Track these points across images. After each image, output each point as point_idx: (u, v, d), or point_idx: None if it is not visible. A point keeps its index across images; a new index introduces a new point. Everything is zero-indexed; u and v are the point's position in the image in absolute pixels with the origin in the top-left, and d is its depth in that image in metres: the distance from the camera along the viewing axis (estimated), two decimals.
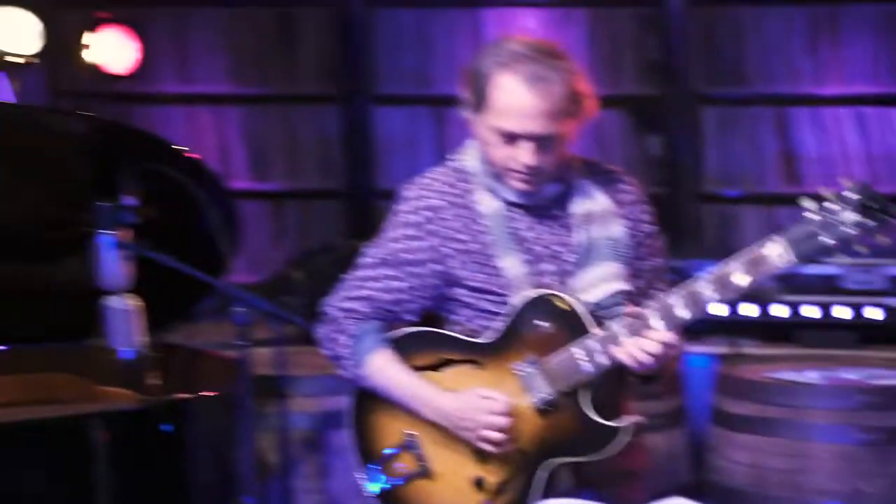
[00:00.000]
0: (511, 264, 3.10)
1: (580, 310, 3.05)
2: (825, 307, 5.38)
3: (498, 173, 3.11)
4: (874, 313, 5.33)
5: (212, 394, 3.77)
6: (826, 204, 2.84)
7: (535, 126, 2.98)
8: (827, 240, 2.83)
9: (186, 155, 3.92)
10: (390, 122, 6.95)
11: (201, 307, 4.11)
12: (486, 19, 6.84)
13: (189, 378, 3.93)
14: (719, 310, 5.44)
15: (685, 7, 6.73)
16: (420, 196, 3.17)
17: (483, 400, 3.07)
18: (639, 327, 2.96)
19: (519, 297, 3.08)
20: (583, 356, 3.02)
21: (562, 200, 3.15)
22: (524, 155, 3.01)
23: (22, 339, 4.16)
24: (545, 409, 3.07)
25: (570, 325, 3.05)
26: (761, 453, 4.56)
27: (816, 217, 2.85)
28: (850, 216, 2.82)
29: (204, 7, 6.98)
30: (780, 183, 6.68)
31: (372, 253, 3.22)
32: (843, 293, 5.43)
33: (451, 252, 3.13)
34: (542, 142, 3.00)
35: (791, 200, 6.35)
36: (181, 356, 4.01)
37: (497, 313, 3.11)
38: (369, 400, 3.25)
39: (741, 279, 2.90)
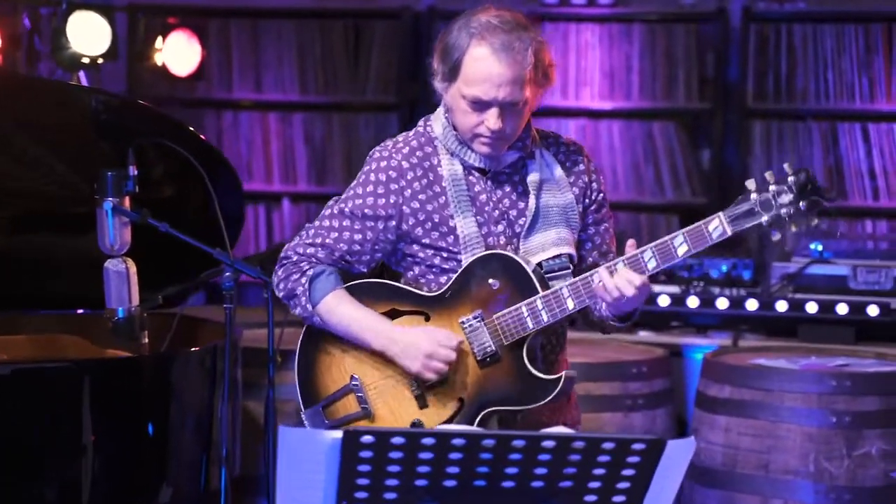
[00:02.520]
0: (464, 224, 3.25)
1: (528, 270, 3.21)
2: (829, 305, 5.46)
3: (462, 139, 3.28)
4: (874, 311, 5.40)
5: (193, 350, 4.06)
6: (767, 185, 3.04)
7: (503, 93, 3.14)
8: (763, 218, 3.03)
9: (201, 140, 4.20)
10: None
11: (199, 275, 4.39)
12: (546, 33, 7.02)
13: (176, 337, 4.20)
14: (725, 305, 5.57)
15: (742, 23, 6.86)
16: (386, 157, 3.33)
17: (436, 332, 3.23)
18: (634, 262, 3.13)
19: (470, 255, 3.25)
20: (527, 313, 3.19)
21: (520, 168, 3.32)
22: (491, 121, 3.17)
23: (48, 305, 4.52)
24: (487, 361, 3.24)
25: (518, 284, 3.21)
26: (735, 434, 4.67)
27: (757, 196, 3.05)
28: (787, 198, 3.02)
29: (275, 19, 7.31)
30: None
31: (335, 205, 3.38)
32: (850, 293, 5.51)
33: (409, 210, 3.28)
34: (508, 108, 3.17)
35: (837, 215, 6.52)
36: (171, 318, 4.25)
37: (448, 270, 3.28)
38: (315, 343, 3.40)
39: (681, 248, 3.10)
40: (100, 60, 6.03)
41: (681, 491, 4.96)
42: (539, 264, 3.25)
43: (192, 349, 4.05)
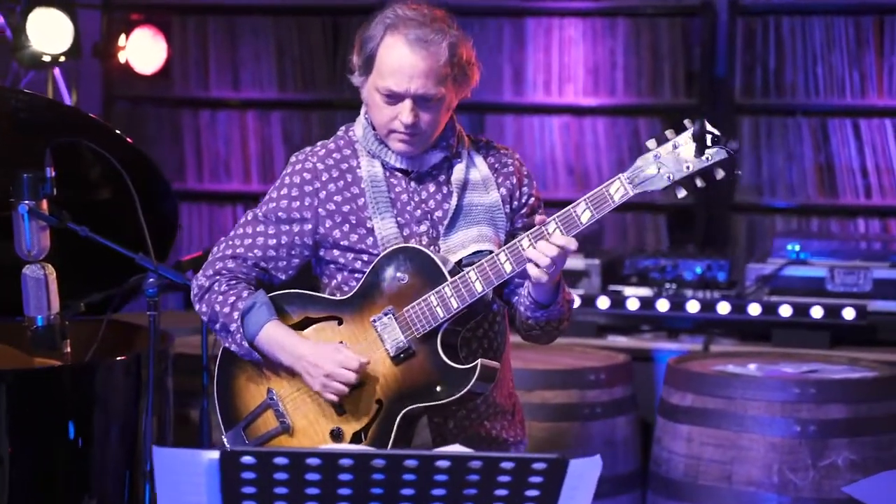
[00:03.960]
0: (383, 226, 3.18)
1: (434, 258, 3.12)
2: (804, 308, 5.28)
3: (382, 139, 3.20)
4: (849, 314, 5.21)
5: (118, 359, 3.93)
6: (666, 141, 2.93)
7: (415, 85, 3.07)
8: (666, 173, 2.92)
9: (129, 143, 4.07)
10: None
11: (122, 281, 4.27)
12: (529, 28, 6.89)
13: (106, 344, 4.05)
14: (696, 309, 5.40)
15: (729, 17, 6.68)
16: (301, 160, 3.28)
17: (337, 352, 3.14)
18: (538, 235, 3.02)
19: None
20: (436, 302, 3.09)
21: (445, 169, 3.24)
22: (405, 114, 3.10)
23: None
24: (400, 357, 3.13)
25: (426, 275, 3.12)
26: (698, 444, 4.51)
27: (655, 152, 2.94)
28: (688, 150, 2.90)
29: (252, 15, 7.17)
30: (816, 194, 6.56)
31: (250, 213, 3.32)
32: (827, 295, 5.33)
33: (325, 212, 3.21)
34: (421, 102, 3.10)
35: (826, 212, 6.35)
36: (95, 324, 4.09)
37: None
38: (232, 361, 3.32)
39: (584, 215, 2.99)
40: (62, 59, 5.90)
41: (643, 503, 4.82)
42: (459, 262, 3.16)
43: (117, 358, 3.91)
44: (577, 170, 6.85)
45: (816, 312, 5.23)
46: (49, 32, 5.85)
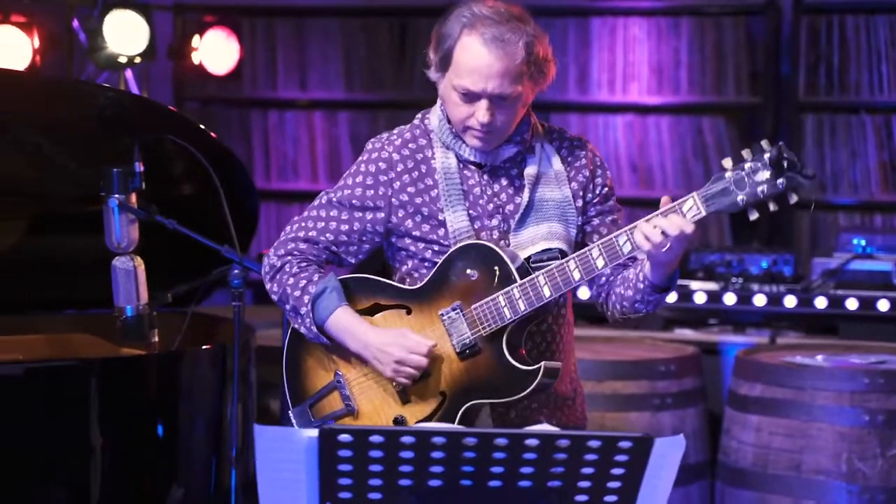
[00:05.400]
0: (454, 218, 3.21)
1: (505, 258, 3.16)
2: (870, 301, 5.33)
3: (457, 132, 3.23)
4: None
5: (203, 348, 4.04)
6: (742, 162, 2.95)
7: (492, 85, 3.09)
8: (739, 196, 2.94)
9: (213, 138, 4.19)
10: None
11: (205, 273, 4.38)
12: (593, 27, 6.95)
13: (190, 335, 4.17)
14: (763, 302, 5.46)
15: (793, 16, 6.73)
16: (378, 148, 3.31)
17: (405, 338, 3.19)
18: (609, 246, 3.07)
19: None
20: (504, 303, 3.14)
21: (518, 162, 3.26)
22: (481, 113, 3.12)
23: (59, 305, 4.52)
24: (465, 353, 3.19)
25: (496, 274, 3.16)
26: (767, 434, 4.57)
27: (732, 174, 2.95)
28: (764, 174, 2.92)
29: (321, 17, 7.28)
30: (879, 190, 6.59)
31: (324, 196, 3.37)
32: (892, 289, 5.38)
33: (398, 202, 3.25)
34: (498, 100, 3.11)
35: (890, 208, 6.38)
36: (178, 316, 4.22)
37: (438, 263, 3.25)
38: (301, 342, 3.36)
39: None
40: (137, 60, 6.04)
41: (712, 492, 4.88)
42: (528, 258, 3.19)
43: (202, 347, 4.01)
44: (641, 168, 6.91)
45: (883, 305, 5.28)
46: (125, 34, 5.99)
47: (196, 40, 6.45)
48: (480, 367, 3.18)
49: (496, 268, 3.16)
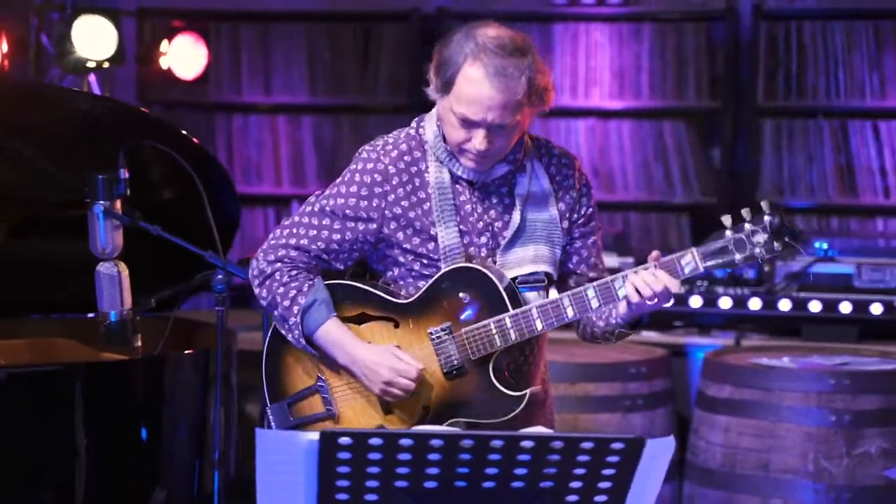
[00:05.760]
0: (446, 234, 3.25)
1: (500, 287, 3.21)
2: (833, 303, 5.44)
3: (451, 151, 3.27)
4: (877, 309, 5.38)
5: (186, 353, 4.08)
6: (742, 223, 3.06)
7: (492, 116, 3.13)
8: (736, 256, 3.06)
9: (193, 142, 4.21)
10: None
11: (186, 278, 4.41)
12: (556, 33, 7.03)
13: (172, 340, 4.19)
14: (728, 305, 5.56)
15: (752, 22, 6.84)
16: (374, 159, 3.31)
17: (396, 359, 3.24)
18: (605, 288, 3.15)
19: (449, 264, 3.25)
20: (496, 330, 3.20)
21: (509, 180, 3.31)
22: (478, 140, 3.15)
23: (42, 309, 4.54)
24: (452, 374, 3.25)
25: (488, 300, 3.22)
26: (735, 434, 4.66)
27: (732, 234, 3.06)
28: (761, 238, 3.03)
29: (285, 22, 7.32)
30: (836, 194, 6.71)
31: (316, 202, 3.37)
32: (854, 291, 5.49)
33: (391, 215, 3.28)
34: (496, 129, 3.16)
35: (846, 212, 6.50)
36: (158, 321, 4.22)
37: (427, 276, 3.28)
38: (283, 342, 3.39)
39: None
40: (106, 65, 6.06)
41: (680, 492, 4.97)
42: (514, 278, 3.25)
43: (185, 352, 4.05)
44: (602, 172, 6.99)
45: (845, 308, 5.40)
46: (93, 39, 6.00)
47: (165, 45, 6.48)
48: (466, 388, 3.24)
49: (489, 294, 3.21)
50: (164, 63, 6.47)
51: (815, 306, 5.44)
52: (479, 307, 3.21)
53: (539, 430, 3.23)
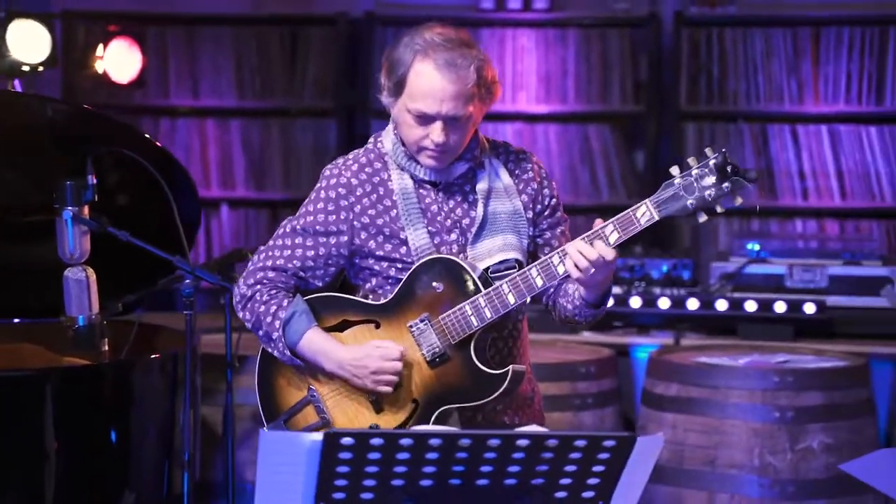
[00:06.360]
0: (415, 236, 3.36)
1: (470, 271, 3.33)
2: (768, 303, 5.60)
3: (410, 154, 3.37)
4: (810, 308, 5.55)
5: (154, 357, 4.10)
6: (689, 169, 3.17)
7: (446, 108, 3.25)
8: (688, 201, 3.16)
9: (157, 146, 4.22)
10: None
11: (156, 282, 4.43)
12: (483, 38, 7.12)
13: (136, 344, 4.26)
14: (667, 305, 5.69)
15: (674, 28, 7.00)
16: (336, 174, 3.43)
17: (377, 348, 3.34)
18: (595, 238, 3.23)
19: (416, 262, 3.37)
20: (471, 311, 3.30)
21: (470, 178, 3.43)
22: (436, 134, 3.27)
23: (6, 315, 4.52)
24: (436, 361, 3.34)
25: (460, 285, 3.33)
26: (682, 430, 4.78)
27: (681, 180, 3.17)
28: (710, 180, 3.15)
29: (212, 25, 7.34)
30: (756, 196, 6.88)
31: (287, 224, 3.49)
32: (787, 291, 5.66)
33: (360, 225, 3.39)
34: (452, 122, 3.28)
35: (766, 213, 6.65)
36: (126, 325, 4.30)
37: (402, 279, 3.38)
38: (272, 363, 3.50)
39: (612, 236, 3.22)
40: (40, 68, 6.02)
41: None
42: (486, 269, 3.36)
43: (153, 356, 4.08)
44: None
45: (780, 307, 5.56)
46: (27, 43, 5.96)
47: (100, 49, 6.45)
48: (451, 373, 3.34)
49: (461, 279, 3.33)
50: (99, 67, 6.43)
51: (750, 306, 5.59)
52: (452, 294, 3.32)
53: (534, 428, 3.32)
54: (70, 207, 3.75)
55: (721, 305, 5.62)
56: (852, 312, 5.62)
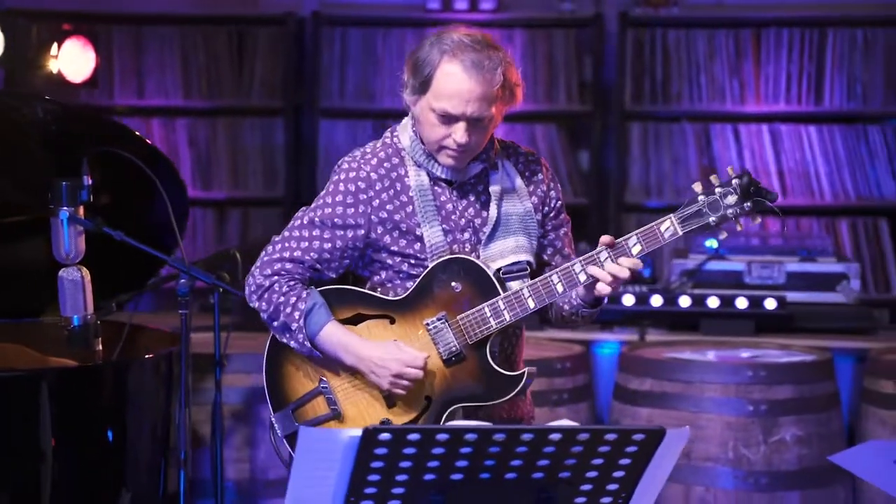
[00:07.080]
0: (431, 233, 3.39)
1: (489, 272, 3.37)
2: (730, 299, 5.72)
3: (428, 151, 3.41)
4: (771, 304, 5.68)
5: (149, 356, 4.10)
6: (713, 187, 3.25)
7: (471, 108, 3.27)
8: (711, 218, 3.24)
9: (146, 143, 4.24)
10: (334, 135, 7.30)
11: (150, 281, 4.43)
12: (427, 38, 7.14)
13: (129, 345, 4.25)
14: (631, 302, 5.79)
15: (619, 29, 7.11)
16: (355, 168, 3.44)
17: (401, 351, 3.36)
18: (590, 261, 3.30)
19: (434, 260, 3.39)
20: (490, 313, 3.34)
21: (483, 178, 3.46)
22: (459, 134, 3.30)
23: None
24: (452, 360, 3.38)
25: (479, 286, 3.37)
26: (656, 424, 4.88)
27: (705, 198, 3.25)
28: (732, 199, 3.23)
29: (158, 25, 7.32)
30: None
31: (304, 216, 3.48)
32: (746, 287, 5.78)
33: (378, 219, 3.41)
34: (475, 123, 3.30)
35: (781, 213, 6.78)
36: (114, 325, 4.28)
37: (415, 276, 3.41)
38: (283, 348, 3.49)
39: (635, 248, 3.30)
40: None
41: None
42: (498, 269, 3.40)
43: (148, 356, 4.08)
44: None
45: (741, 303, 5.68)
46: None
47: (54, 48, 6.39)
48: (465, 373, 3.38)
49: (480, 281, 3.37)
50: (54, 67, 6.38)
51: (713, 302, 5.70)
52: (471, 294, 3.36)
53: (565, 423, 3.38)
54: (66, 208, 3.74)
55: (684, 302, 5.72)
56: (811, 308, 5.75)
